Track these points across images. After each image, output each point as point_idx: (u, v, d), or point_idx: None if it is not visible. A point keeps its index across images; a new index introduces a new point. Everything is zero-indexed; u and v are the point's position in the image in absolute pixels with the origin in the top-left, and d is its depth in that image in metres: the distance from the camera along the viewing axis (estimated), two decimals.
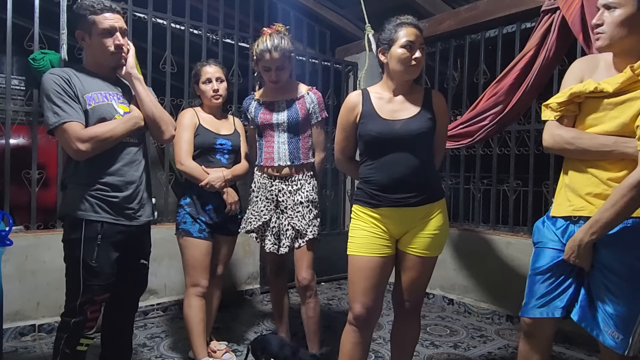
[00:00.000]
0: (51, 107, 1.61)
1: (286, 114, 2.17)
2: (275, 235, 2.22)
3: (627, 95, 1.36)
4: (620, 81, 1.35)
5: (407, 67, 1.69)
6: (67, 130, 1.61)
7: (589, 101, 1.43)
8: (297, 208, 2.16)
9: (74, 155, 1.65)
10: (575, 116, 1.48)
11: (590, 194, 1.42)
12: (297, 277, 2.19)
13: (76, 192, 1.69)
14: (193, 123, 2.29)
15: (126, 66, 1.75)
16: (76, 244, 1.66)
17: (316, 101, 2.22)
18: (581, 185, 1.45)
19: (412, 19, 1.73)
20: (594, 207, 1.41)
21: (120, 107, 1.75)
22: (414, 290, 1.82)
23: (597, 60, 1.51)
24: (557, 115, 1.47)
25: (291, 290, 2.58)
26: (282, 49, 2.10)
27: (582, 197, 1.44)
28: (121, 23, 1.71)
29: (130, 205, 1.75)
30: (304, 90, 2.25)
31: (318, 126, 2.26)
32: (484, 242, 3.31)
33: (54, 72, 1.67)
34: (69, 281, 1.69)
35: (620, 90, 1.36)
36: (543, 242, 1.56)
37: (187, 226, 2.24)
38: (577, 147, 1.42)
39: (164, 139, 1.87)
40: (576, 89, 1.42)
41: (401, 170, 1.70)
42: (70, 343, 1.66)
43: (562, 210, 1.50)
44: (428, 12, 3.73)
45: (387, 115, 1.72)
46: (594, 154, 1.40)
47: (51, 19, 2.91)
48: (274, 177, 2.20)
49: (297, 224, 2.15)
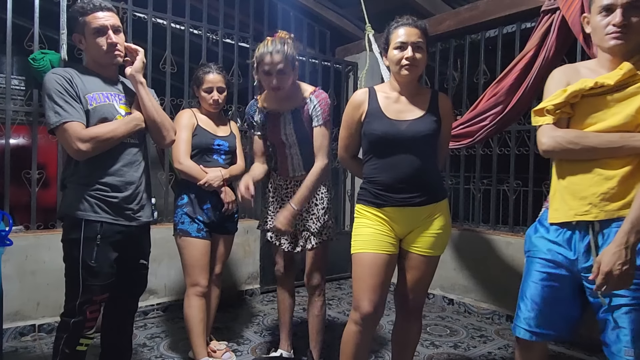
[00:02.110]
0: (52, 107, 1.61)
1: (293, 128, 2.10)
2: (291, 235, 2.22)
3: (629, 88, 1.33)
4: (622, 73, 1.32)
5: (400, 66, 1.68)
6: (68, 130, 1.60)
7: (585, 100, 1.39)
8: (312, 210, 2.16)
9: (75, 155, 1.65)
10: (568, 119, 1.43)
11: (594, 194, 1.35)
12: (307, 276, 2.20)
13: (76, 192, 1.69)
14: (191, 123, 2.29)
15: (132, 67, 1.75)
16: (75, 244, 1.66)
17: (317, 104, 2.05)
18: (583, 186, 1.38)
19: (409, 19, 1.71)
20: (598, 210, 1.34)
21: (121, 107, 1.76)
22: (416, 289, 1.82)
23: (577, 69, 1.49)
24: (555, 117, 1.41)
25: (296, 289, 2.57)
26: (284, 52, 1.95)
27: (584, 200, 1.37)
28: (113, 20, 1.70)
29: (129, 205, 1.75)
30: (307, 93, 2.09)
31: (318, 130, 2.05)
32: (484, 242, 3.31)
33: (56, 72, 1.67)
34: (68, 281, 1.69)
35: (622, 84, 1.33)
36: (533, 252, 1.51)
37: (185, 226, 2.24)
38: (584, 146, 1.36)
39: (164, 144, 1.88)
40: (573, 88, 1.38)
41: (405, 170, 1.70)
42: (70, 343, 1.66)
43: (562, 216, 1.42)
44: (428, 12, 3.73)
45: (393, 115, 1.72)
46: (602, 151, 1.34)
47: (51, 19, 2.91)
48: (289, 180, 2.21)
49: (313, 227, 2.15)
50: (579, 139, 1.37)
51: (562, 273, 1.44)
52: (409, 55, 1.66)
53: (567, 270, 1.43)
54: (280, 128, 2.14)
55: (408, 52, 1.66)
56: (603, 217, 1.35)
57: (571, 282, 1.43)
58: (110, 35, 1.68)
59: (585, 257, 1.38)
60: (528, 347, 1.53)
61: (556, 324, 1.47)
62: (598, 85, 1.35)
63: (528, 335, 1.49)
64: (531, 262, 1.52)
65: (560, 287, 1.44)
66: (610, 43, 1.35)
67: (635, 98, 1.32)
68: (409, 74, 1.69)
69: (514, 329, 1.54)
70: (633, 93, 1.33)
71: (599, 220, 1.36)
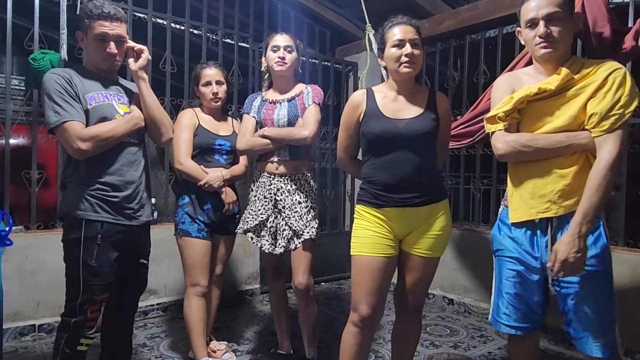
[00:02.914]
0: (52, 106, 1.61)
1: (286, 110, 2.17)
2: (272, 235, 2.20)
3: (569, 91, 1.45)
4: (560, 78, 1.44)
5: (399, 63, 1.69)
6: (68, 129, 1.61)
7: (530, 105, 1.50)
8: (295, 208, 2.15)
9: (75, 154, 1.65)
10: (518, 123, 1.54)
11: (552, 192, 1.45)
12: (293, 281, 2.16)
13: (76, 191, 1.69)
14: (192, 123, 2.30)
15: (137, 64, 1.76)
16: (76, 243, 1.66)
17: (310, 91, 2.19)
18: (540, 185, 1.48)
19: (403, 18, 1.72)
20: (557, 206, 1.45)
21: (120, 107, 1.76)
22: (416, 290, 1.82)
23: (519, 76, 1.60)
24: (506, 124, 1.52)
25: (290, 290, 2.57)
26: (291, 36, 2.20)
27: (543, 198, 1.47)
28: (118, 31, 1.69)
29: (130, 205, 1.75)
30: (304, 87, 2.25)
31: (309, 108, 2.14)
32: (484, 242, 3.30)
33: (56, 71, 1.67)
34: (68, 281, 1.69)
35: (562, 87, 1.45)
36: (502, 251, 1.60)
37: (185, 226, 2.24)
38: (535, 147, 1.47)
39: (162, 141, 1.88)
40: (519, 95, 1.49)
41: (404, 169, 1.70)
42: (71, 343, 1.66)
43: (523, 215, 1.52)
44: (428, 12, 3.73)
45: (391, 114, 1.73)
46: (551, 151, 1.45)
47: (51, 19, 2.91)
48: (273, 176, 2.20)
49: (295, 224, 2.13)
50: (531, 141, 1.48)
51: (530, 270, 1.52)
52: (408, 52, 1.67)
53: (534, 268, 1.52)
54: (274, 111, 2.20)
55: (407, 48, 1.67)
56: (562, 212, 1.45)
57: (539, 277, 1.52)
58: (111, 46, 1.69)
59: (547, 252, 1.48)
60: (519, 340, 1.61)
61: (531, 317, 1.56)
62: (541, 90, 1.46)
63: (507, 329, 1.58)
64: (501, 261, 1.61)
65: (531, 283, 1.53)
66: (541, 52, 1.48)
67: (575, 100, 1.44)
68: (409, 70, 1.69)
69: (495, 324, 1.63)
70: (573, 95, 1.45)
71: (558, 215, 1.46)
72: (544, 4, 1.45)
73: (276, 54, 2.15)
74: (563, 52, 1.49)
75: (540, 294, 1.53)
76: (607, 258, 1.47)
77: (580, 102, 1.43)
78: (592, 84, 1.42)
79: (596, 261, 1.44)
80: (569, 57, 1.50)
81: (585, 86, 1.43)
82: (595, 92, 1.41)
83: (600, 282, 1.45)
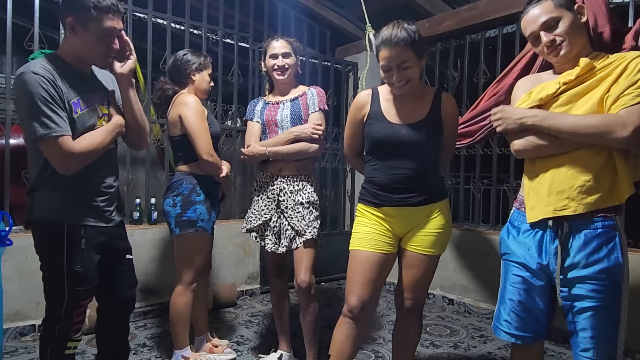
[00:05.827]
0: (37, 117, 1.45)
1: (289, 110, 2.18)
2: (275, 234, 2.21)
3: (591, 80, 1.40)
4: (581, 67, 1.40)
5: (391, 84, 1.69)
6: (61, 145, 1.48)
7: (552, 102, 1.45)
8: (298, 208, 2.15)
9: (64, 170, 1.54)
10: None
11: (571, 187, 1.37)
12: (295, 279, 2.16)
13: (55, 196, 1.59)
14: (204, 111, 2.24)
15: (124, 67, 1.66)
16: (58, 250, 1.57)
17: (315, 94, 2.21)
18: (559, 181, 1.39)
19: (391, 34, 1.60)
20: (576, 204, 1.36)
21: (100, 107, 1.67)
22: (416, 288, 1.82)
23: (540, 77, 1.57)
24: None
25: (291, 290, 2.57)
26: (289, 40, 2.21)
27: (561, 194, 1.38)
28: (120, 24, 1.62)
29: (109, 208, 1.70)
30: (306, 88, 2.27)
31: (314, 114, 2.19)
32: (484, 242, 3.31)
33: (38, 71, 1.47)
34: (49, 289, 1.61)
35: (583, 78, 1.41)
36: (509, 255, 1.54)
37: (204, 223, 2.20)
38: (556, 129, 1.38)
39: (139, 148, 1.84)
40: (541, 94, 1.45)
41: (403, 172, 1.71)
42: (57, 349, 1.60)
43: (540, 213, 1.43)
44: (428, 12, 3.73)
45: (394, 118, 1.73)
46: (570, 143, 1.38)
47: (51, 19, 2.90)
48: (276, 177, 2.20)
49: (297, 225, 2.14)
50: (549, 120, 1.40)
51: (537, 277, 1.47)
52: (395, 78, 1.65)
53: (541, 275, 1.46)
54: (277, 112, 2.21)
55: (394, 74, 1.64)
56: (582, 210, 1.36)
57: (545, 285, 1.47)
58: (116, 42, 1.60)
59: (555, 259, 1.41)
60: (522, 349, 1.55)
61: (534, 326, 1.50)
62: (562, 84, 1.42)
63: (507, 337, 1.53)
64: (508, 265, 1.55)
65: (536, 291, 1.47)
66: (554, 59, 1.47)
67: (595, 90, 1.39)
68: (402, 91, 1.69)
69: (495, 330, 1.58)
70: (593, 85, 1.40)
71: (573, 219, 1.38)
72: (537, 15, 1.44)
73: (274, 62, 2.17)
74: (579, 48, 1.44)
75: (545, 302, 1.47)
76: (618, 275, 1.36)
77: (601, 90, 1.37)
78: (614, 72, 1.37)
79: (606, 276, 1.35)
80: (589, 52, 1.45)
81: (607, 75, 1.38)
82: (617, 78, 1.36)
83: (607, 300, 1.36)
